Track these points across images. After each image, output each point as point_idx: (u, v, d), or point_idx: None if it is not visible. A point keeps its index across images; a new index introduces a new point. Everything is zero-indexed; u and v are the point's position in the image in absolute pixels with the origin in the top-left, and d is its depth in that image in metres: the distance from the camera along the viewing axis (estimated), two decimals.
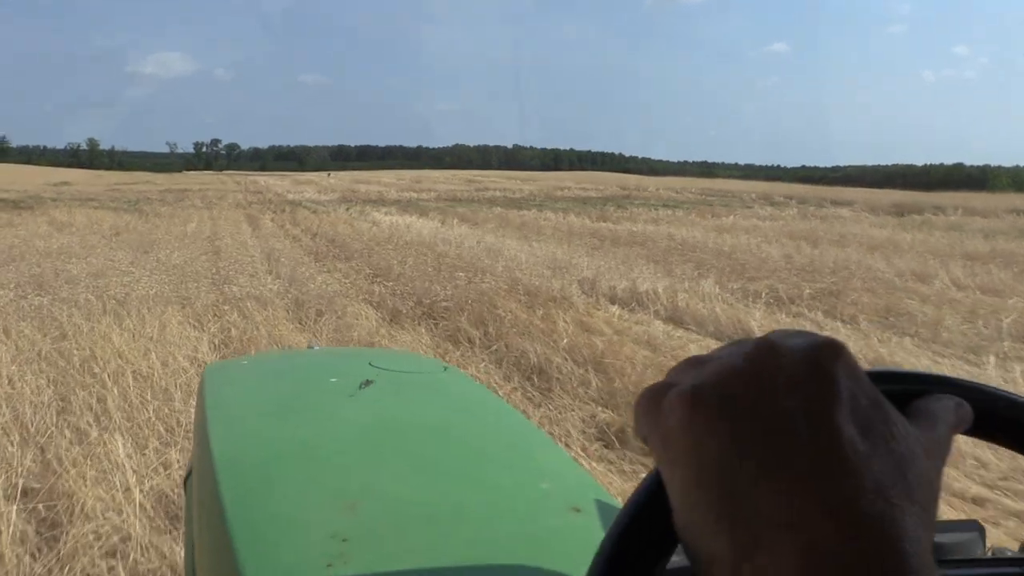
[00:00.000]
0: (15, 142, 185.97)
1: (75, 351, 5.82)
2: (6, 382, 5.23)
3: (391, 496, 1.03)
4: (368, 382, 1.46)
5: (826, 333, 0.40)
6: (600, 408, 5.63)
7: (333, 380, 1.58)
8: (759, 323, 8.36)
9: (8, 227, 17.87)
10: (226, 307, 8.02)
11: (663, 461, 0.35)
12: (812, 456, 0.31)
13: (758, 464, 0.31)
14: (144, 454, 3.97)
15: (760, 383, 0.33)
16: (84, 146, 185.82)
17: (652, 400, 0.36)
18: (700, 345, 7.25)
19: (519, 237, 18.09)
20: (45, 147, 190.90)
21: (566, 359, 6.78)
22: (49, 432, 4.22)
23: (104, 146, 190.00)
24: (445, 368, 1.88)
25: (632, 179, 78.32)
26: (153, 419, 4.43)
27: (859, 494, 0.29)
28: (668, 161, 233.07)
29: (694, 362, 0.38)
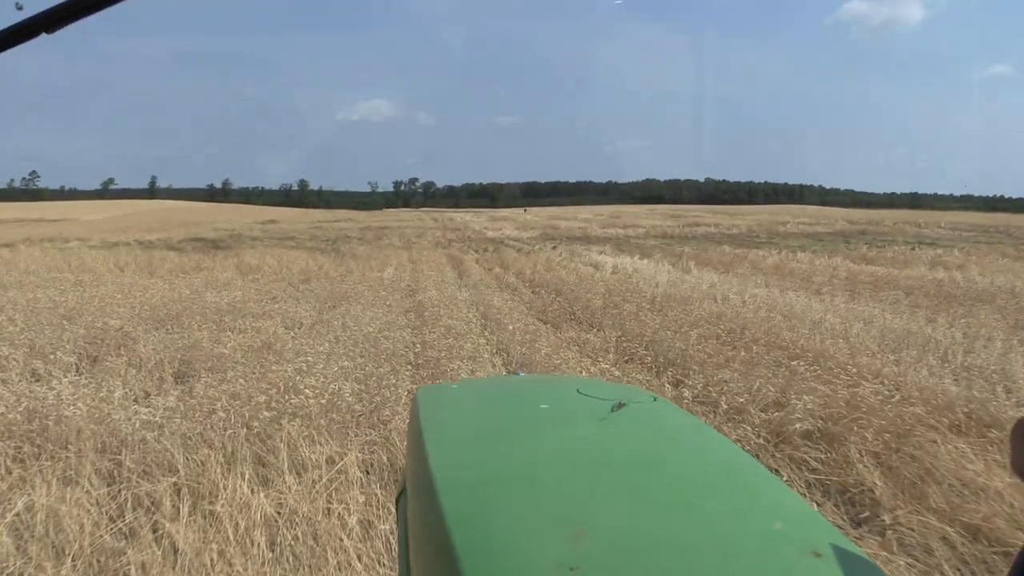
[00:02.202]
0: (236, 184, 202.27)
1: None
2: None
3: (615, 527, 0.96)
4: (621, 405, 1.39)
5: None
6: None
7: (544, 407, 1.50)
8: None
9: (195, 271, 15.91)
10: None
11: None
12: None
13: None
14: None
15: None
16: (295, 186, 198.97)
17: None
18: None
19: (796, 288, 13.74)
20: (262, 188, 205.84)
21: None
22: None
23: (313, 186, 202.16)
24: (655, 398, 1.59)
25: (857, 213, 70.64)
26: None
27: None
28: (874, 193, 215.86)
29: None
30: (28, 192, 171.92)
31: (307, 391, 5.45)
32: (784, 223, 49.43)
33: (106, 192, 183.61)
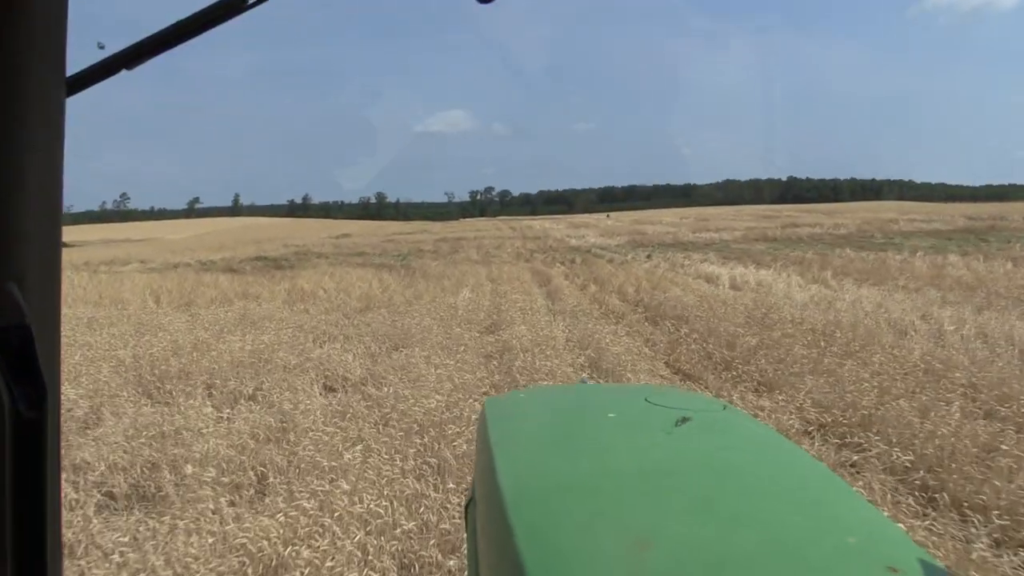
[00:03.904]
0: (316, 199, 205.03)
1: None
2: None
3: (682, 538, 0.90)
4: (685, 419, 1.30)
5: None
6: None
7: (611, 415, 1.44)
8: None
9: (240, 299, 13.59)
10: None
11: None
12: None
13: None
14: None
15: None
16: (373, 199, 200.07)
17: None
18: None
19: (991, 307, 10.44)
20: (342, 202, 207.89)
21: None
22: None
23: (391, 198, 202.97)
24: (724, 407, 1.50)
25: (969, 207, 64.93)
26: None
27: None
28: (969, 185, 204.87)
29: None
30: (119, 213, 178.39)
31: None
32: (894, 221, 44.86)
33: (192, 211, 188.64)
